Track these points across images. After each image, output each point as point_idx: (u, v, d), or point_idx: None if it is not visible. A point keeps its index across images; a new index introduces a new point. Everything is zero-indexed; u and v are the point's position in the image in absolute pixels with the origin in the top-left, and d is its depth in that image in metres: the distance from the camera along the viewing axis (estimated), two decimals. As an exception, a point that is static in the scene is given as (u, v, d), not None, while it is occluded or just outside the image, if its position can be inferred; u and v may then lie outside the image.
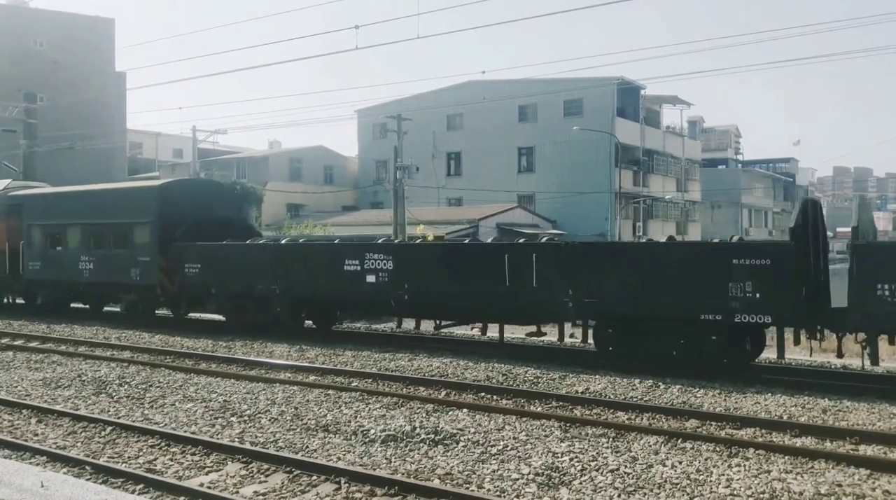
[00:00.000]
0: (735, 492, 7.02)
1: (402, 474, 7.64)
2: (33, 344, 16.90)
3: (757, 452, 8.20)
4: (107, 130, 50.63)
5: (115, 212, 20.15)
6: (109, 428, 9.57)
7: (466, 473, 7.65)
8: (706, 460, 7.99)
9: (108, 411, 10.62)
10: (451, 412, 10.09)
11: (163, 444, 8.88)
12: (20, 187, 24.22)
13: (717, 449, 8.34)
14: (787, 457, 8.01)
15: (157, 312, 20.99)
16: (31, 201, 22.61)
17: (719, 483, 7.25)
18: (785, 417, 9.66)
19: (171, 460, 8.36)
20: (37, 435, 9.42)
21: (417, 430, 9.14)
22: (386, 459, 8.20)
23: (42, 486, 6.99)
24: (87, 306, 22.90)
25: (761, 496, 6.92)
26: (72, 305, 23.12)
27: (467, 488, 7.24)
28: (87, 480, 7.55)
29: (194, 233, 18.86)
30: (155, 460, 8.36)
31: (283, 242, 18.58)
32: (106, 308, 22.71)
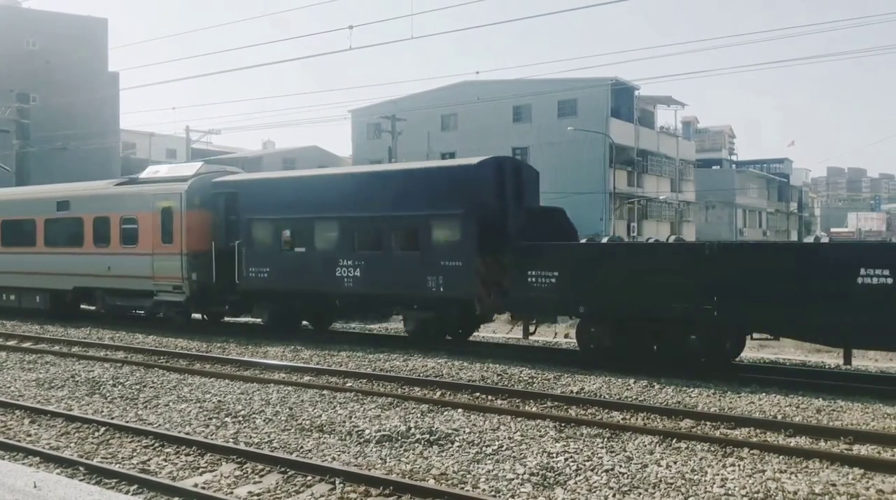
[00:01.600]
0: (730, 492, 7.03)
1: (397, 474, 7.63)
2: (26, 345, 16.83)
3: (751, 451, 8.21)
4: (100, 130, 50.46)
5: (400, 201, 15.26)
6: (103, 429, 9.53)
7: (461, 473, 7.64)
8: (701, 459, 7.99)
9: (102, 411, 10.58)
10: (446, 412, 10.08)
11: (157, 444, 8.85)
12: (219, 172, 19.19)
13: (712, 449, 8.35)
14: (781, 457, 8.03)
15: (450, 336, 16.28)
16: (254, 189, 17.73)
17: (714, 483, 7.26)
18: (779, 417, 9.69)
19: (166, 460, 8.33)
20: (30, 436, 9.38)
21: (412, 430, 9.13)
22: (381, 459, 8.19)
23: (35, 486, 6.95)
24: (347, 324, 19.32)
25: (756, 495, 6.93)
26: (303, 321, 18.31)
27: (462, 488, 7.23)
28: (81, 481, 7.52)
29: (528, 228, 14.34)
30: (149, 460, 8.33)
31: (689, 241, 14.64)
32: (367, 326, 19.31)
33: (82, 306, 21.70)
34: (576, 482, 7.35)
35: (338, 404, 10.66)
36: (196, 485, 7.49)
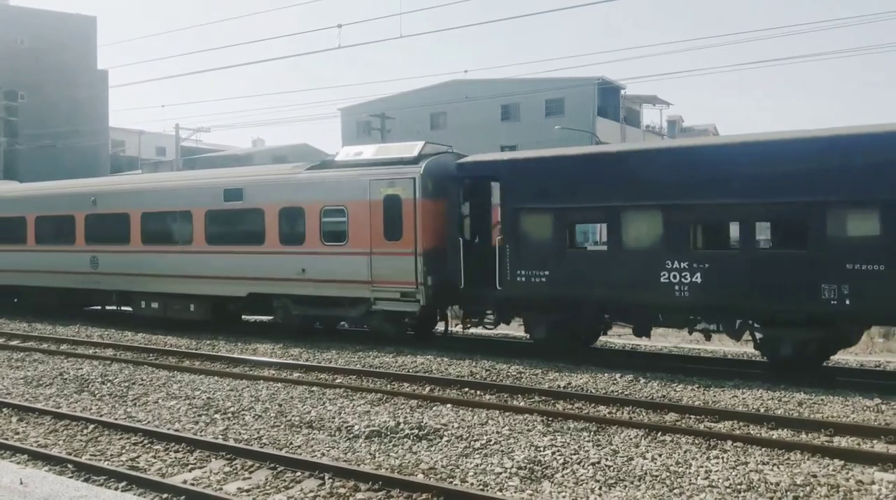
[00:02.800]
0: (713, 483, 7.14)
1: (386, 469, 7.71)
2: (14, 343, 16.77)
3: (735, 444, 8.34)
4: (89, 128, 50.24)
5: (774, 184, 11.40)
6: (92, 426, 9.55)
7: (450, 467, 7.73)
8: (685, 452, 8.11)
9: (91, 409, 10.60)
10: (435, 408, 10.16)
11: (146, 442, 8.89)
12: (445, 152, 15.67)
13: (696, 442, 8.47)
14: (763, 449, 8.16)
15: None
16: (526, 171, 13.91)
17: (698, 475, 7.37)
18: (762, 410, 9.82)
19: (155, 457, 8.37)
20: (17, 434, 9.39)
21: (401, 425, 9.20)
22: (370, 454, 8.26)
23: (21, 483, 6.98)
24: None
25: (739, 487, 7.05)
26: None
27: (451, 482, 7.32)
28: (69, 477, 7.55)
29: None
30: (138, 457, 8.37)
31: None
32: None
33: (248, 317, 18.77)
34: (563, 476, 7.44)
35: (327, 400, 10.72)
36: (185, 482, 7.54)
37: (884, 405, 9.90)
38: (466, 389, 11.38)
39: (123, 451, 8.60)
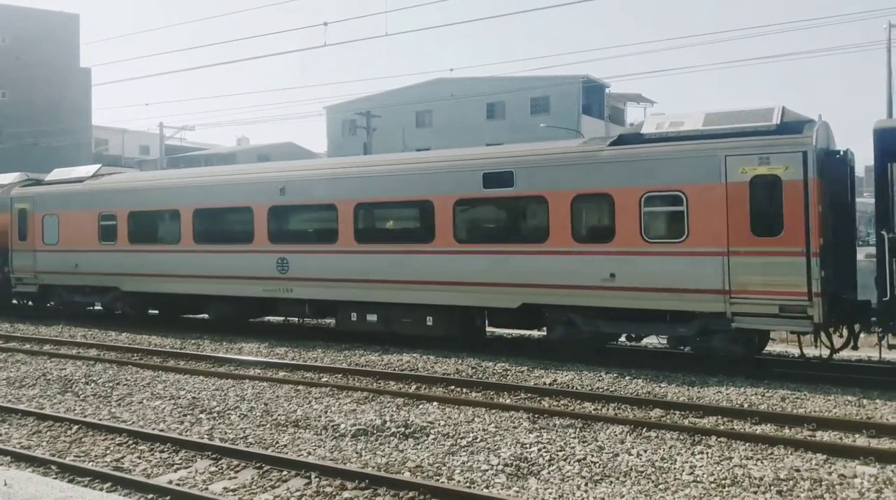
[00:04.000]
0: (698, 479, 7.20)
1: (373, 467, 7.71)
2: (-4, 344, 16.61)
3: (719, 439, 8.41)
4: (72, 126, 49.81)
5: None
6: (76, 427, 9.48)
7: (436, 465, 7.74)
8: (670, 448, 8.16)
9: (75, 409, 10.52)
10: (421, 406, 10.17)
11: (130, 442, 8.83)
12: (798, 118, 11.70)
13: (681, 437, 8.53)
14: (747, 444, 8.23)
15: None
16: None
17: (683, 470, 7.42)
18: (745, 405, 9.91)
19: (140, 457, 8.32)
20: (0, 436, 9.30)
21: (388, 424, 9.20)
22: (356, 453, 8.26)
23: (5, 484, 6.92)
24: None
25: (723, 482, 7.11)
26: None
27: (437, 480, 7.33)
28: (54, 478, 7.49)
29: None
30: (123, 458, 8.32)
31: None
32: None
33: (492, 330, 15.66)
34: (548, 472, 7.47)
35: (313, 399, 10.70)
36: (171, 482, 7.50)
37: (865, 400, 10.01)
38: (453, 387, 11.40)
39: (108, 452, 8.54)
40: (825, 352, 12.03)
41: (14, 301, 21.91)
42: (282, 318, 18.69)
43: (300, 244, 15.55)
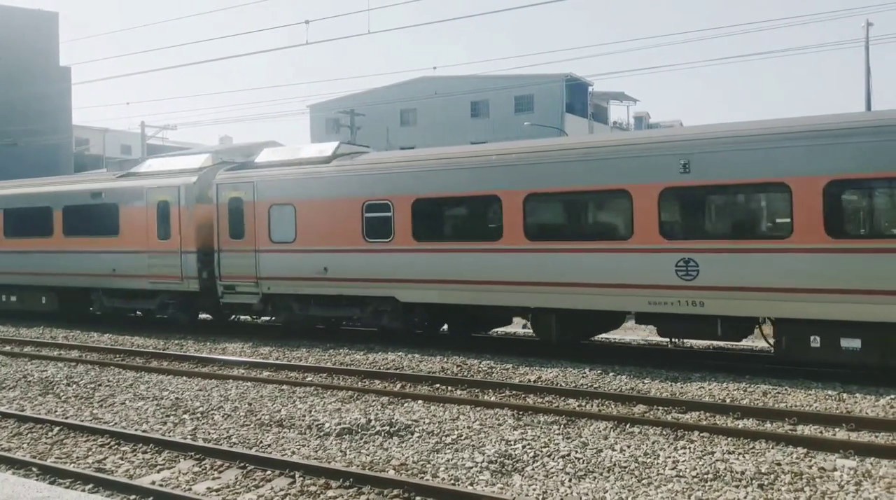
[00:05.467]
0: (681, 473, 7.25)
1: (357, 466, 7.70)
2: (-24, 346, 16.42)
3: (701, 434, 8.47)
4: (52, 125, 49.26)
5: None
6: (57, 428, 9.40)
7: (421, 463, 7.74)
8: (653, 443, 8.22)
9: (56, 411, 10.43)
10: (406, 404, 10.17)
11: (113, 443, 8.77)
12: None
13: (664, 433, 8.59)
14: (729, 439, 8.30)
15: None
16: None
17: (666, 465, 7.48)
18: (728, 400, 9.99)
19: (122, 458, 8.27)
20: (-19, 438, 9.21)
21: (372, 422, 9.19)
22: (341, 452, 8.25)
23: (-14, 487, 6.86)
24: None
25: (705, 476, 7.17)
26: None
27: (422, 477, 7.33)
28: (35, 480, 7.42)
29: None
30: (105, 459, 8.26)
31: None
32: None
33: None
34: (533, 469, 7.50)
35: (297, 398, 10.67)
36: (154, 482, 7.46)
37: (845, 394, 10.12)
38: (437, 385, 11.40)
39: (90, 453, 8.48)
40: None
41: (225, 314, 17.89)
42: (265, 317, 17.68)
43: (575, 242, 12.39)
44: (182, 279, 16.65)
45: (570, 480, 7.18)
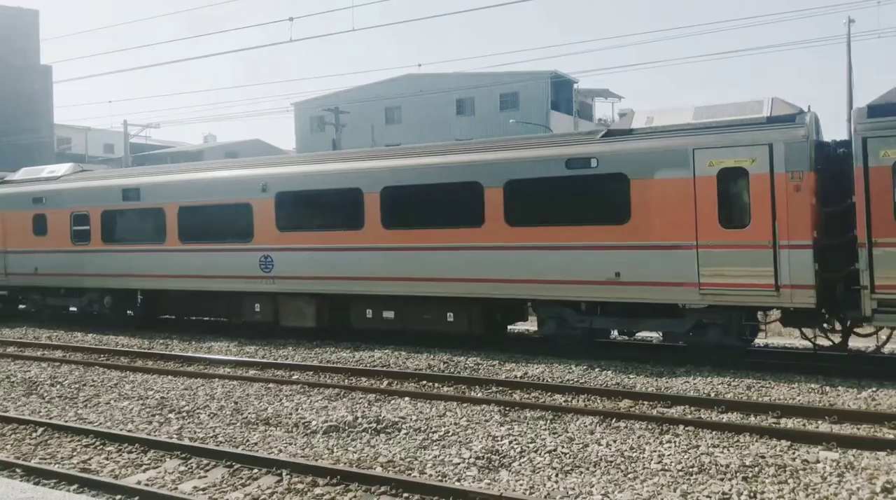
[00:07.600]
0: (666, 467, 7.31)
1: (344, 463, 7.70)
2: (-43, 347, 16.24)
3: (686, 428, 8.54)
4: (33, 124, 48.79)
5: None
6: (41, 429, 9.32)
7: (408, 460, 7.75)
8: (639, 437, 8.28)
9: (40, 411, 10.34)
10: (393, 401, 10.18)
11: (98, 443, 8.71)
12: None
13: (650, 427, 8.65)
14: (714, 432, 8.38)
15: None
16: None
17: (651, 459, 7.53)
18: (712, 394, 10.08)
19: (107, 458, 8.21)
20: (-37, 439, 9.11)
21: (359, 420, 9.19)
22: (328, 449, 8.24)
23: (-31, 489, 6.79)
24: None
25: (691, 469, 7.23)
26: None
27: (409, 474, 7.34)
28: (19, 481, 7.36)
29: None
30: (90, 459, 8.20)
31: None
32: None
33: None
34: (520, 464, 7.53)
35: (284, 396, 10.64)
36: (139, 482, 7.42)
37: (828, 387, 10.24)
38: (424, 381, 11.42)
39: (75, 453, 8.41)
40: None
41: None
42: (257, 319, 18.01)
43: None
44: None
45: (556, 475, 7.22)
